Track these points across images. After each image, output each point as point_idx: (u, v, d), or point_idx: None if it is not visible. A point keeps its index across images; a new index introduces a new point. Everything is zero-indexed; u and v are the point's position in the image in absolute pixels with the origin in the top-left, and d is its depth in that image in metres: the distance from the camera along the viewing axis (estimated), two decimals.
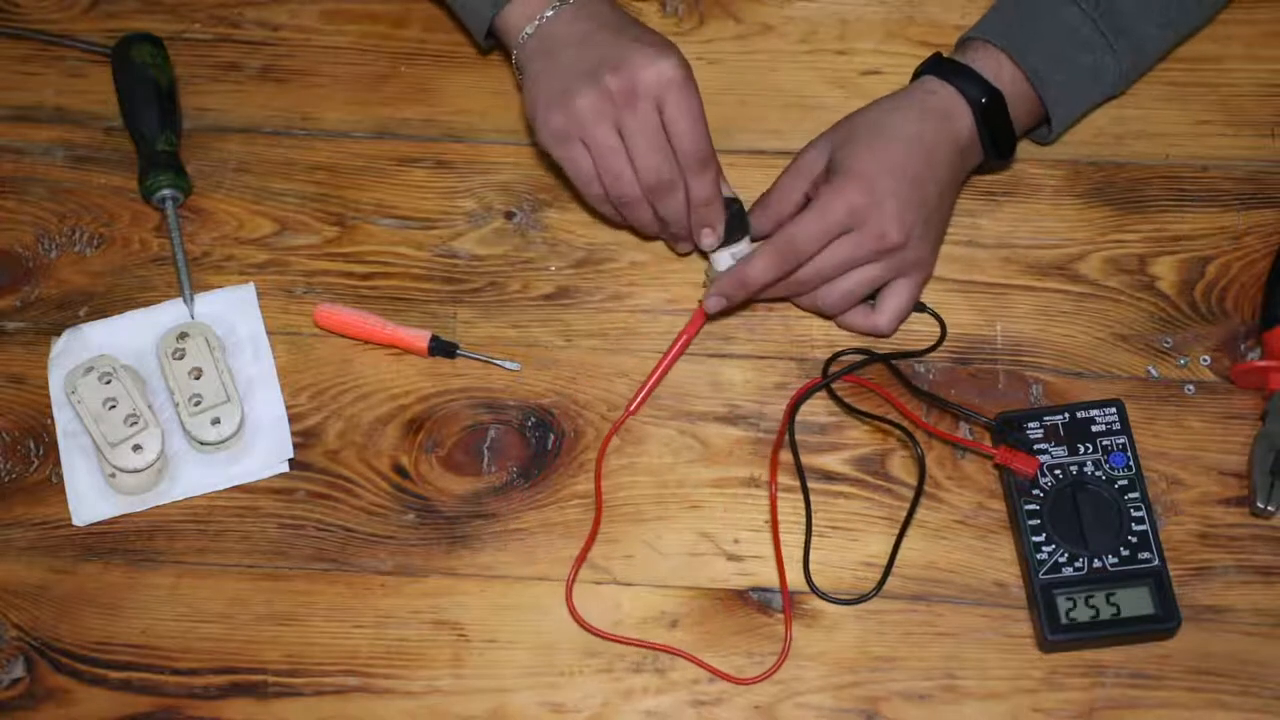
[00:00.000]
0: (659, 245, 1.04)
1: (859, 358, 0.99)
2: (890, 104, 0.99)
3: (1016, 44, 0.98)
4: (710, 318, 1.00)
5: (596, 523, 0.95)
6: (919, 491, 0.95)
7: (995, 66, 0.98)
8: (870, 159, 0.96)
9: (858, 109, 1.00)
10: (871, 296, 1.00)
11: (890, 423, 0.97)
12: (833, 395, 0.99)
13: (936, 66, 0.99)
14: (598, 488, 0.96)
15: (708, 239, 0.98)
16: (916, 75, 1.01)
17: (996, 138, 0.99)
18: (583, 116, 0.93)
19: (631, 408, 0.98)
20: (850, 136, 0.98)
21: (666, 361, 0.99)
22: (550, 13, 0.97)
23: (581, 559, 0.94)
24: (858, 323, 1.00)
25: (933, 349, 0.99)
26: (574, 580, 0.94)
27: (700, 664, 0.92)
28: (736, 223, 0.99)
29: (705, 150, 0.95)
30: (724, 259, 0.99)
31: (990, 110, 0.97)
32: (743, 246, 0.99)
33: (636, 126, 0.93)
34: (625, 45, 0.94)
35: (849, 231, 0.95)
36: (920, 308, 1.00)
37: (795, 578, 0.94)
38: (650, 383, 0.99)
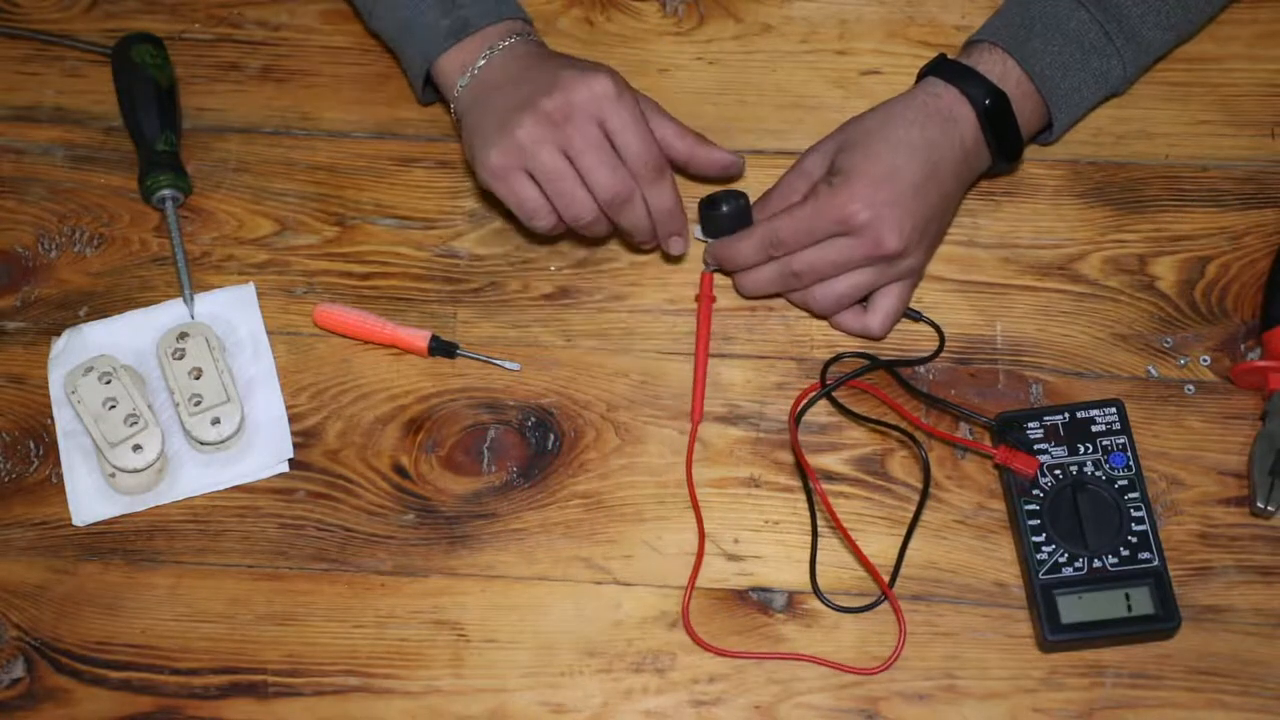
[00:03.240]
0: None
1: (859, 362, 0.99)
2: (893, 107, 0.98)
3: (1023, 48, 0.98)
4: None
5: (702, 540, 0.96)
6: (924, 496, 0.95)
7: (1001, 69, 0.98)
8: (871, 165, 0.95)
9: (862, 112, 1.00)
10: (864, 297, 1.00)
11: (893, 427, 0.97)
12: (833, 401, 0.98)
13: (940, 68, 0.99)
14: (693, 497, 0.96)
15: (677, 247, 0.98)
16: (921, 76, 1.01)
17: (1001, 141, 0.99)
18: (523, 146, 0.92)
19: (696, 417, 0.98)
20: (852, 141, 0.97)
21: (702, 349, 0.99)
22: (482, 61, 0.97)
23: (693, 582, 0.94)
24: (849, 324, 1.00)
25: (931, 358, 0.99)
26: (689, 600, 0.94)
27: (824, 663, 0.91)
28: (742, 216, 0.99)
29: (656, 157, 0.94)
30: None
31: (994, 112, 0.97)
32: None
33: (582, 143, 0.92)
34: (554, 72, 0.94)
35: (841, 235, 0.95)
36: (916, 317, 1.00)
37: (800, 579, 0.94)
38: (699, 378, 0.99)
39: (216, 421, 0.98)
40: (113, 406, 0.97)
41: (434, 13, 0.99)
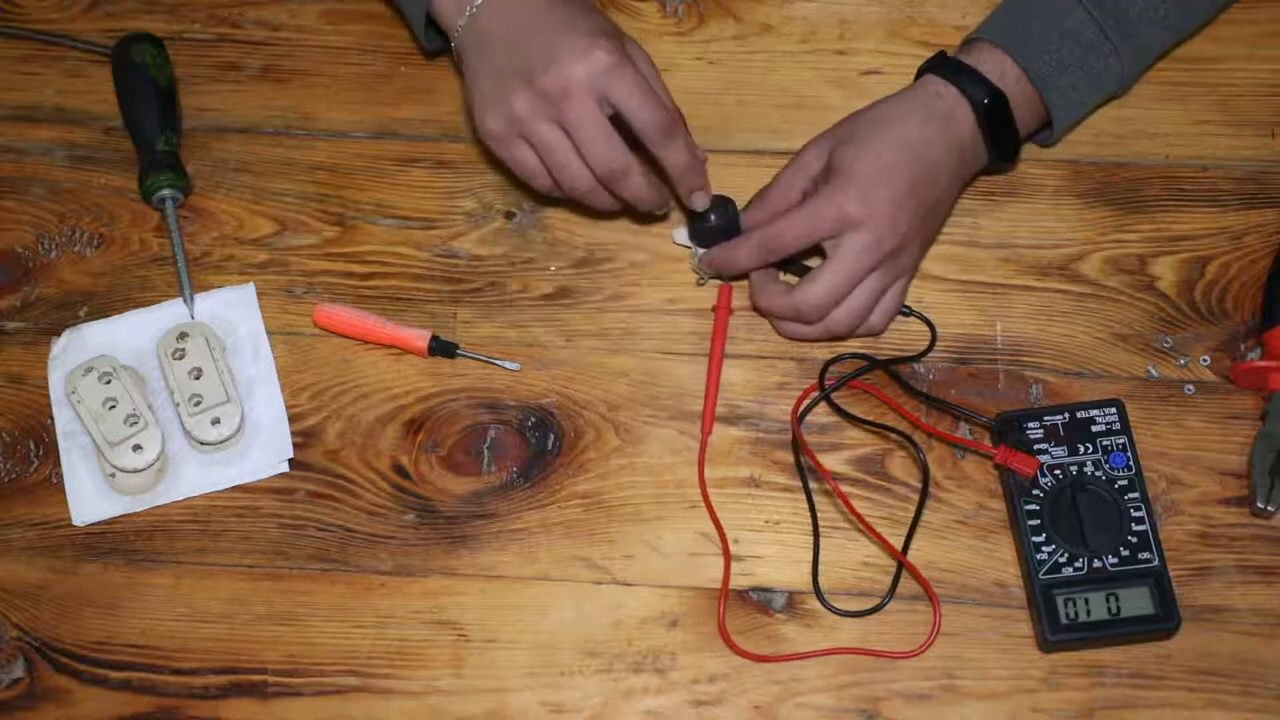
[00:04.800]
0: (659, 245, 1.04)
1: (858, 362, 0.99)
2: (893, 104, 0.99)
3: (1021, 47, 0.98)
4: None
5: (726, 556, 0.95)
6: (923, 498, 0.95)
7: (1000, 69, 0.98)
8: (868, 162, 0.95)
9: (861, 107, 1.00)
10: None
11: (894, 429, 0.97)
12: (832, 404, 0.98)
13: (940, 66, 0.99)
14: (710, 510, 0.96)
15: (699, 201, 0.98)
16: (920, 73, 1.01)
17: (999, 140, 0.99)
18: (520, 117, 0.93)
19: (707, 427, 0.98)
20: (850, 136, 0.97)
21: (715, 363, 0.99)
22: (479, 1, 0.95)
23: (725, 590, 0.94)
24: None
25: (925, 353, 0.99)
26: (724, 611, 0.93)
27: (865, 652, 0.91)
28: (732, 226, 0.99)
29: (665, 120, 0.93)
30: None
31: (993, 112, 0.97)
32: None
33: (577, 120, 0.92)
34: (554, 39, 0.92)
35: (839, 238, 0.95)
36: (907, 312, 1.00)
37: (800, 579, 0.94)
38: (711, 389, 0.99)
39: (216, 421, 0.98)
40: (113, 406, 0.97)
41: None
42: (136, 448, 0.96)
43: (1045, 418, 0.95)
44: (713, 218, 0.99)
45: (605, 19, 0.97)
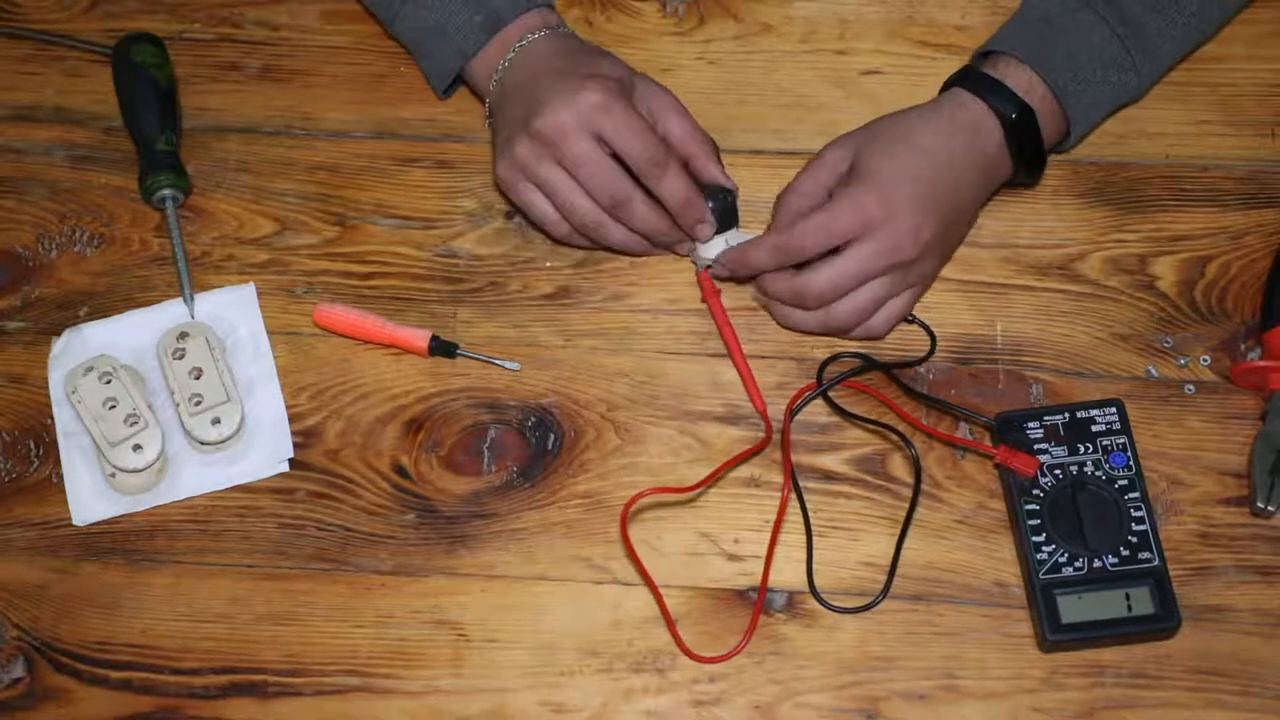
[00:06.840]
0: None
1: (856, 362, 0.99)
2: (920, 114, 0.98)
3: (1045, 61, 0.98)
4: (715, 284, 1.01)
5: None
6: (915, 495, 0.95)
7: (1026, 83, 0.97)
8: (892, 168, 0.95)
9: (888, 114, 0.99)
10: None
11: (887, 426, 0.97)
12: (829, 401, 0.98)
13: (967, 79, 0.99)
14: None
15: (703, 233, 1.00)
16: (946, 86, 1.00)
17: (1025, 154, 0.98)
18: (524, 161, 0.97)
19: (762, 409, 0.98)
20: (876, 141, 0.97)
21: (736, 351, 0.99)
22: (511, 55, 1.00)
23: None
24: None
25: (924, 360, 0.99)
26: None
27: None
28: (730, 212, 0.99)
29: (654, 153, 0.96)
30: (718, 245, 1.00)
31: (1020, 126, 0.97)
32: (735, 234, 1.00)
33: (574, 158, 0.96)
34: (550, 85, 0.97)
35: (857, 238, 0.95)
36: (910, 319, 1.00)
37: (800, 579, 0.94)
38: (747, 377, 0.99)
39: (216, 421, 0.98)
40: (113, 406, 0.97)
41: (465, 11, 1.01)
42: (137, 448, 0.96)
43: (1045, 418, 0.95)
44: (710, 205, 0.99)
45: (612, 61, 1.01)
